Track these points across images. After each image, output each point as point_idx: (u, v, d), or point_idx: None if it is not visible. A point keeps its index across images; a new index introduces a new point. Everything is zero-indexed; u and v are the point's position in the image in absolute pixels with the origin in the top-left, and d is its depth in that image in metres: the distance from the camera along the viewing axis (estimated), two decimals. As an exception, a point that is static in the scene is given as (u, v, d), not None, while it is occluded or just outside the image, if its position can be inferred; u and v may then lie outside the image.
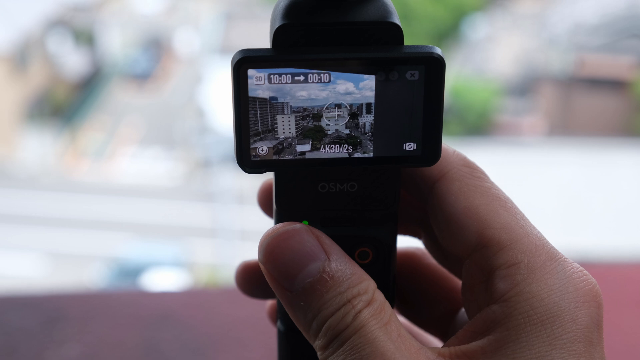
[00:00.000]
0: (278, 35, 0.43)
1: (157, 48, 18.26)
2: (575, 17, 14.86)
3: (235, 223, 11.07)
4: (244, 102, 0.43)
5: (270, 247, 0.45)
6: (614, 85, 13.76)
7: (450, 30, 16.70)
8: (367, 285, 0.44)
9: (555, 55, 14.27)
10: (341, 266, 0.44)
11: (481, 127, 13.87)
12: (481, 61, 15.61)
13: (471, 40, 16.37)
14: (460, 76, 14.61)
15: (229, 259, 10.35)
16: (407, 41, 0.45)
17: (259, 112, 0.43)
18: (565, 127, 13.89)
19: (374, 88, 0.43)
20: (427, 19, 16.16)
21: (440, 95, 0.44)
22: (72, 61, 16.54)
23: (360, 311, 0.43)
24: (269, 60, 0.43)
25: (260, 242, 0.45)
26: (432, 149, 0.45)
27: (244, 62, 0.43)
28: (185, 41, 18.41)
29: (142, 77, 17.38)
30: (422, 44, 0.44)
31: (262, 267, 0.45)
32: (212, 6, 18.85)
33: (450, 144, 0.49)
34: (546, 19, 15.98)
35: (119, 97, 16.88)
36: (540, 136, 13.83)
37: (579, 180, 9.56)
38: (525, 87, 14.82)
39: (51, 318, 0.88)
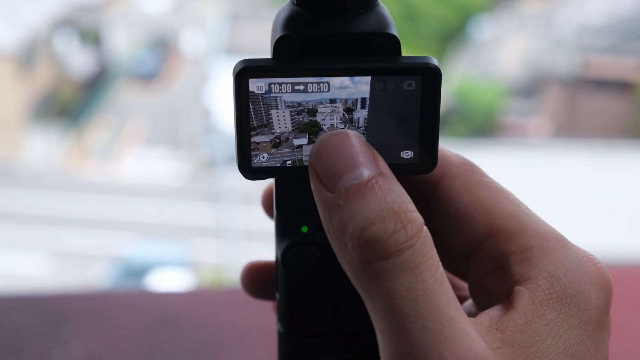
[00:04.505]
0: (278, 46, 0.45)
1: (163, 48, 18.29)
2: (581, 18, 14.84)
3: (240, 223, 11.08)
4: (245, 111, 0.44)
5: (324, 144, 0.43)
6: (620, 86, 13.74)
7: (456, 31, 16.69)
8: (418, 214, 0.42)
9: (561, 57, 14.25)
10: (392, 183, 0.43)
11: (487, 128, 13.86)
12: (487, 62, 15.60)
13: (477, 41, 16.36)
14: (466, 77, 14.61)
15: (234, 259, 10.36)
16: (414, 41, 0.46)
17: (251, 107, 0.44)
18: (571, 128, 13.87)
19: (369, 83, 0.44)
20: (433, 20, 16.15)
21: (437, 104, 0.45)
22: (78, 61, 16.57)
23: (415, 237, 0.41)
24: (269, 70, 0.44)
25: (318, 139, 0.44)
26: (428, 157, 0.46)
27: (246, 72, 0.44)
28: (191, 41, 18.43)
29: (148, 77, 17.41)
30: (420, 55, 0.45)
31: (309, 165, 0.44)
32: (218, 6, 18.87)
33: (456, 146, 0.50)
34: (552, 20, 15.96)
35: (125, 97, 16.91)
36: (546, 137, 13.81)
37: (584, 182, 9.55)
38: (531, 88, 14.81)
39: (55, 318, 0.89)
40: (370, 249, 0.41)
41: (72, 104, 15.96)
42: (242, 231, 10.92)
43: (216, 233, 11.67)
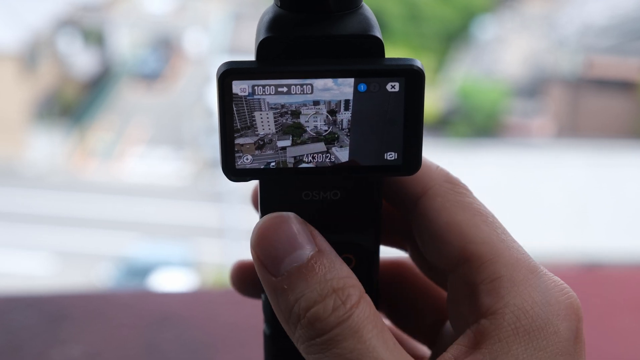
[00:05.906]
0: (262, 48, 0.45)
1: (166, 48, 18.31)
2: (584, 18, 14.84)
3: (243, 223, 11.09)
4: (228, 113, 0.44)
5: (262, 229, 0.45)
6: (623, 86, 13.74)
7: (459, 31, 16.69)
8: (355, 282, 0.44)
9: (564, 57, 14.25)
10: (330, 260, 0.44)
11: (489, 128, 13.86)
12: (490, 62, 15.60)
13: (480, 41, 16.36)
14: (468, 77, 14.61)
15: (237, 259, 10.36)
16: (416, 41, 0.46)
17: (235, 108, 0.44)
18: (574, 128, 13.87)
19: (352, 84, 0.44)
20: (436, 20, 16.15)
21: (420, 106, 0.45)
22: (82, 61, 16.59)
23: (353, 308, 0.43)
24: (252, 72, 0.44)
25: (254, 226, 0.46)
26: (412, 158, 0.46)
27: (229, 74, 0.44)
28: (194, 41, 18.45)
29: (151, 77, 17.43)
30: (404, 57, 0.45)
31: (251, 251, 0.46)
32: (221, 6, 18.89)
33: (458, 146, 0.49)
34: (555, 20, 15.96)
35: (128, 97, 16.93)
36: (549, 137, 13.82)
37: (587, 182, 9.55)
38: (533, 88, 14.81)
39: (55, 317, 0.89)
40: (314, 327, 0.43)
41: (75, 104, 15.98)
42: (244, 231, 10.92)
43: (219, 233, 11.68)
